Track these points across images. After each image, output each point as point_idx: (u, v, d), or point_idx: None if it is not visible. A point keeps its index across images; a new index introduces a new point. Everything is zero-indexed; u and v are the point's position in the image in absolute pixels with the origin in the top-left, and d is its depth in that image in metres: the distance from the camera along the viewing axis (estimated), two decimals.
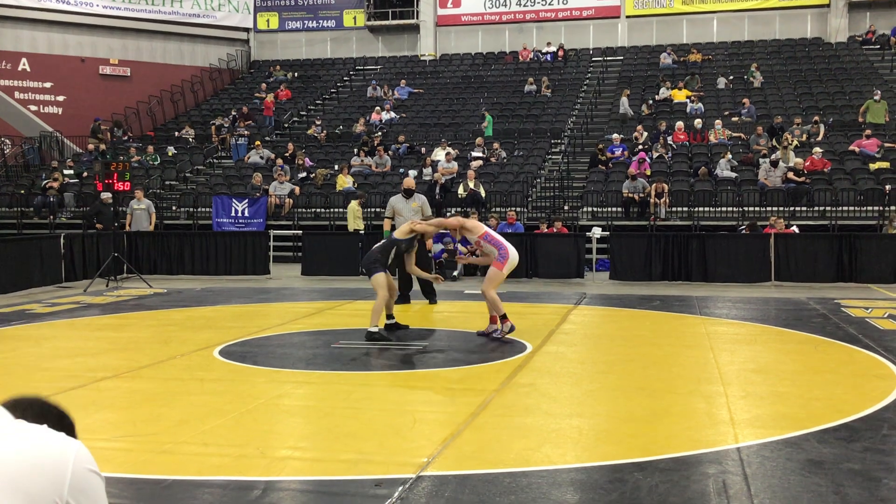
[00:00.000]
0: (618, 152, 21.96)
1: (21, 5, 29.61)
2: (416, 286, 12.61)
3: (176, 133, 27.99)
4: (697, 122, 23.43)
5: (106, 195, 16.11)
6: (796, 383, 7.12)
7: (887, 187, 18.26)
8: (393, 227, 12.20)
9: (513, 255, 9.17)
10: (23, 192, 22.61)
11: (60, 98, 30.29)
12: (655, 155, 21.86)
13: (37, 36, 30.25)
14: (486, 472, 4.77)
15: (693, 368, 7.70)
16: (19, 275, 14.15)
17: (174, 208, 21.81)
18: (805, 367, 7.84)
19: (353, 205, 18.12)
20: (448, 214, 13.92)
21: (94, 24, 31.18)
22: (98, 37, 31.36)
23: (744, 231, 16.61)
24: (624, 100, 25.64)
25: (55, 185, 21.87)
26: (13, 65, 29.53)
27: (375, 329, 8.95)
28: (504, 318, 9.08)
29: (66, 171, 23.53)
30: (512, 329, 9.07)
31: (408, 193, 12.55)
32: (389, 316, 9.69)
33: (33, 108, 29.83)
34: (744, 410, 6.12)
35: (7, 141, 28.16)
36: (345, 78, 32.57)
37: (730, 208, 19.02)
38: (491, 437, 5.48)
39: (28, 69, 29.77)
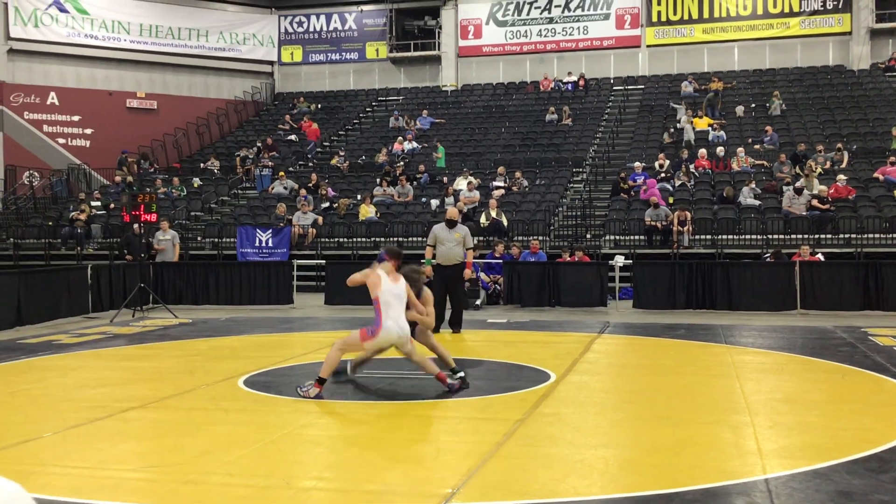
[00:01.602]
0: (640, 180, 21.94)
1: (50, 40, 30.25)
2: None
3: (201, 164, 28.33)
4: (720, 150, 23.37)
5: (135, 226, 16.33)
6: (824, 413, 7.04)
7: None
8: (433, 256, 12.28)
9: (383, 337, 7.81)
10: (50, 223, 22.92)
11: (88, 131, 30.79)
12: (678, 183, 21.83)
13: (65, 70, 30.84)
14: (511, 503, 4.75)
15: (719, 398, 7.63)
16: (47, 305, 14.30)
17: (199, 238, 22.01)
18: (832, 397, 7.75)
19: None
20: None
21: (121, 59, 31.77)
22: (125, 71, 31.94)
23: (768, 259, 16.50)
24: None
25: (82, 216, 22.16)
26: (42, 98, 30.09)
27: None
28: (321, 381, 7.78)
29: (93, 203, 23.84)
30: (319, 396, 7.68)
31: (451, 224, 12.60)
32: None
33: (61, 141, 30.34)
34: (771, 441, 6.05)
35: (35, 173, 28.64)
36: (367, 109, 32.87)
37: (754, 236, 18.91)
38: (516, 467, 5.45)
39: (57, 103, 30.32)
